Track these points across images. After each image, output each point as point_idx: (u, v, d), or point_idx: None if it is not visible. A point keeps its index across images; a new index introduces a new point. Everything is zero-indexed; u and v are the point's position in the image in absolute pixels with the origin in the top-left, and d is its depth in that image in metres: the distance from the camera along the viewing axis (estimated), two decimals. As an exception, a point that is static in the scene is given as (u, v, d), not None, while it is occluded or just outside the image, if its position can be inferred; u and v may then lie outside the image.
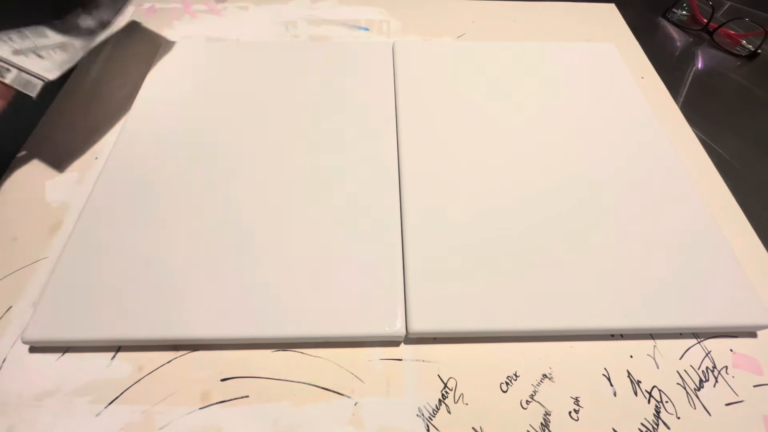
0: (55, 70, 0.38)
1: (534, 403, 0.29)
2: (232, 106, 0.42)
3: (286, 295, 0.31)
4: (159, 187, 0.36)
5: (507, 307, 0.31)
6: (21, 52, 0.38)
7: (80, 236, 0.33)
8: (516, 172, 0.38)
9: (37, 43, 0.39)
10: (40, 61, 0.39)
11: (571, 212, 0.35)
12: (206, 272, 0.31)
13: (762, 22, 0.54)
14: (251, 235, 0.33)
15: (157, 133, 0.40)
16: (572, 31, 0.55)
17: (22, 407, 0.28)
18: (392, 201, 0.36)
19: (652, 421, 0.28)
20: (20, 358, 0.29)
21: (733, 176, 0.41)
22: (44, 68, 0.39)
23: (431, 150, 0.39)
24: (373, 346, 0.31)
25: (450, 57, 0.47)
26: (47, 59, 0.39)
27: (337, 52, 0.47)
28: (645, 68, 0.51)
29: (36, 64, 0.38)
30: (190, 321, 0.29)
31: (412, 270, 0.32)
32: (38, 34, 0.40)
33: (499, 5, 0.58)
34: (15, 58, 0.38)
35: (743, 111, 0.49)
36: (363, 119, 0.41)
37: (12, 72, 0.37)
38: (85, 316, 0.29)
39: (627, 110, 0.43)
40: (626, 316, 0.31)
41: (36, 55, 0.38)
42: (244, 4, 0.57)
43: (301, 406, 0.28)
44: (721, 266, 0.33)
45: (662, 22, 0.60)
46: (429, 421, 0.28)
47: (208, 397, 0.28)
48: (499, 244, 0.33)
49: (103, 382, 0.29)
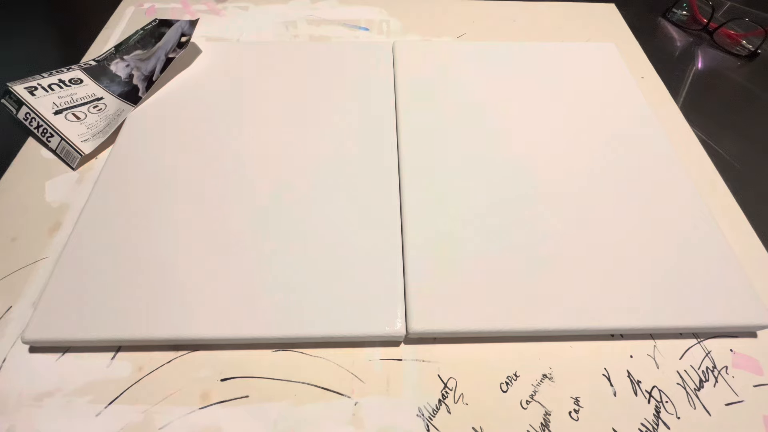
0: (89, 142, 0.40)
1: (534, 403, 0.29)
2: (232, 105, 0.42)
3: (286, 295, 0.31)
4: (159, 187, 0.36)
5: (507, 307, 0.31)
6: (60, 110, 0.40)
7: (80, 236, 0.33)
8: (516, 172, 0.38)
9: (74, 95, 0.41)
10: (76, 125, 0.40)
11: (571, 212, 0.35)
12: (206, 272, 0.32)
13: (762, 22, 0.54)
14: (251, 235, 0.33)
15: (157, 133, 0.40)
16: (572, 31, 0.55)
17: (22, 407, 0.28)
18: (392, 201, 0.36)
19: (652, 421, 0.28)
20: (20, 358, 0.29)
21: (733, 176, 0.41)
22: (81, 137, 0.40)
23: (431, 150, 0.39)
24: (373, 346, 0.31)
25: (450, 57, 0.47)
26: (82, 122, 0.40)
27: (337, 52, 0.47)
28: (645, 68, 0.51)
29: (74, 130, 0.40)
30: (190, 321, 0.29)
31: (412, 270, 0.32)
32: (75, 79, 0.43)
33: (499, 5, 0.58)
34: (56, 120, 0.40)
35: (743, 111, 0.49)
36: (363, 119, 0.41)
37: (55, 138, 0.39)
38: (85, 316, 0.29)
39: (627, 110, 0.43)
40: (626, 316, 0.31)
41: (74, 116, 0.40)
42: (244, 4, 0.57)
43: (301, 406, 0.28)
44: (721, 266, 0.33)
45: (662, 22, 0.60)
46: (429, 421, 0.28)
47: (208, 397, 0.28)
48: (499, 244, 0.33)
49: (103, 382, 0.29)
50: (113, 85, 0.44)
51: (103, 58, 0.46)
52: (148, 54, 0.45)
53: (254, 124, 0.41)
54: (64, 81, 0.42)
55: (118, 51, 0.47)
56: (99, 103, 0.42)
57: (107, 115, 0.41)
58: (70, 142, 0.39)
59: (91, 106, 0.42)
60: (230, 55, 0.47)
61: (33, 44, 0.52)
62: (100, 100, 0.42)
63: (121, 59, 0.46)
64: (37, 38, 0.53)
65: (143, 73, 0.44)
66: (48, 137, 0.39)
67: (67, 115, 0.40)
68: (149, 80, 0.43)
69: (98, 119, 0.41)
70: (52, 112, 0.40)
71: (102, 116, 0.41)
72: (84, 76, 0.43)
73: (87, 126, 0.40)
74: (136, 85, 0.43)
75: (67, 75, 0.43)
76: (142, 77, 0.43)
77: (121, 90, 0.43)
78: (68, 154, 0.39)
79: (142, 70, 0.44)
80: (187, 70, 0.45)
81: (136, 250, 0.32)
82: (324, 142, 0.39)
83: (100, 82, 0.44)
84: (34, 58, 0.50)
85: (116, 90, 0.43)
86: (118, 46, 0.47)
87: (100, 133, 0.40)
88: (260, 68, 0.45)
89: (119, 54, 0.46)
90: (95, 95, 0.43)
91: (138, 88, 0.43)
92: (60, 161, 0.39)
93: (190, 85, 0.44)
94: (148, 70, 0.44)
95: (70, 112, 0.40)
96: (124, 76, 0.44)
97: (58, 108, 0.41)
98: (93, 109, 0.41)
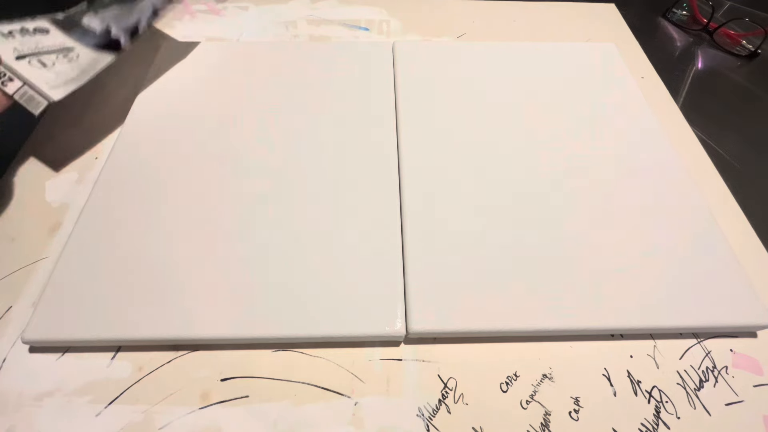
0: (59, 89, 0.36)
1: (534, 403, 0.29)
2: (232, 106, 0.42)
3: (286, 295, 0.31)
4: (159, 187, 0.36)
5: (507, 307, 0.31)
6: (24, 55, 0.35)
7: (80, 236, 0.33)
8: (516, 172, 0.38)
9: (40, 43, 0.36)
10: (43, 71, 0.36)
11: (571, 212, 0.35)
12: (206, 272, 0.31)
13: (762, 22, 0.54)
14: (251, 235, 0.33)
15: (156, 133, 0.40)
16: (572, 31, 0.55)
17: (22, 407, 0.28)
18: (392, 201, 0.36)
19: (652, 421, 0.28)
20: (20, 358, 0.29)
21: (733, 176, 0.41)
22: (49, 83, 0.35)
23: (431, 150, 0.39)
24: (373, 346, 0.31)
25: (450, 57, 0.47)
26: (50, 69, 0.36)
27: (337, 52, 0.47)
28: (645, 68, 0.51)
29: (40, 75, 0.35)
30: (190, 321, 0.29)
31: (412, 270, 0.32)
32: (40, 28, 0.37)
33: (499, 5, 0.58)
34: (18, 64, 0.35)
35: (743, 111, 0.49)
36: (363, 119, 0.41)
37: (15, 83, 0.35)
38: (85, 316, 0.29)
39: (627, 110, 0.43)
40: (626, 316, 0.31)
41: (39, 63, 0.36)
42: (244, 4, 0.57)
43: (301, 406, 0.28)
44: (721, 266, 0.33)
45: (662, 22, 0.59)
46: (429, 421, 0.28)
47: (208, 397, 0.28)
48: (499, 244, 0.33)
49: (103, 382, 0.29)
50: (86, 38, 0.38)
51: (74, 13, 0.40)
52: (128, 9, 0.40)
53: (254, 124, 0.41)
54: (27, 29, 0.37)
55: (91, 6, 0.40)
56: (70, 53, 0.37)
57: (80, 65, 0.37)
58: (34, 87, 0.34)
59: (61, 55, 0.37)
60: (230, 55, 0.47)
61: (33, 44, 0.52)
62: (71, 51, 0.37)
63: (94, 14, 0.40)
64: (37, 38, 0.53)
65: (123, 27, 0.39)
66: (4, 81, 0.34)
67: (32, 61, 0.35)
68: (133, 31, 0.39)
69: (69, 68, 0.37)
70: (14, 56, 0.35)
71: (74, 65, 0.37)
72: (51, 26, 0.38)
73: (56, 73, 0.36)
74: (116, 38, 0.39)
75: (30, 24, 0.37)
76: (123, 29, 0.39)
77: (96, 42, 0.39)
78: (30, 100, 0.35)
79: (121, 24, 0.39)
80: (187, 69, 0.45)
81: (136, 250, 0.32)
82: (324, 142, 0.39)
83: (71, 34, 0.38)
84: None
85: (90, 42, 0.38)
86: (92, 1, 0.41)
87: (72, 81, 0.36)
88: (260, 68, 0.45)
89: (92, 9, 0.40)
90: (64, 45, 0.37)
91: (118, 41, 0.39)
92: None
93: (189, 85, 0.44)
94: (130, 23, 0.40)
95: (35, 58, 0.36)
96: (99, 29, 0.39)
97: (20, 53, 0.35)
98: (63, 59, 0.37)
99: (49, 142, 0.41)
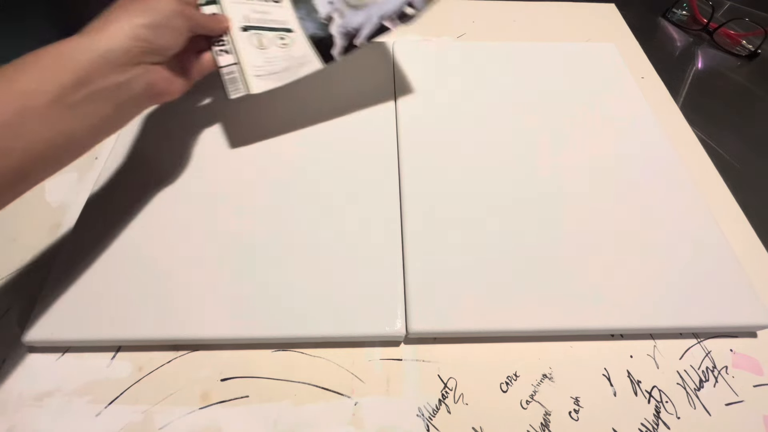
0: (261, 81, 0.34)
1: (534, 403, 0.29)
2: (231, 105, 0.42)
3: (286, 295, 0.31)
4: (158, 187, 0.36)
5: (507, 307, 0.31)
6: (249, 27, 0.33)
7: (80, 236, 0.33)
8: (516, 172, 0.38)
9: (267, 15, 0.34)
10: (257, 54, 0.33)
11: (571, 212, 0.35)
12: (206, 272, 0.31)
13: (762, 22, 0.54)
14: (251, 235, 0.33)
15: (156, 133, 0.40)
16: (572, 31, 0.55)
17: (22, 407, 0.28)
18: (392, 201, 0.36)
19: (652, 421, 0.28)
20: (20, 358, 0.29)
21: (733, 176, 0.41)
22: (256, 71, 0.33)
23: (431, 150, 0.39)
24: (373, 346, 0.31)
25: (450, 57, 0.47)
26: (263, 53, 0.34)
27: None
28: (645, 68, 0.51)
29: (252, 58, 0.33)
30: (190, 321, 0.29)
31: (412, 270, 0.32)
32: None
33: (499, 5, 0.58)
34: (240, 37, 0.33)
35: (743, 111, 0.49)
36: (363, 119, 0.41)
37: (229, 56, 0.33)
38: (85, 316, 0.29)
39: (627, 110, 0.43)
40: (626, 316, 0.31)
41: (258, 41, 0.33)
42: (244, 4, 0.56)
43: (301, 406, 0.28)
44: (721, 266, 0.33)
45: (662, 22, 0.59)
46: (429, 421, 0.28)
47: (208, 397, 0.28)
48: (499, 244, 0.33)
49: (103, 382, 0.29)
50: (308, 19, 0.36)
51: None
52: (357, 1, 0.37)
53: (254, 124, 0.41)
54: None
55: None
56: (287, 36, 0.35)
57: (290, 56, 0.35)
58: (243, 69, 0.33)
59: (278, 36, 0.35)
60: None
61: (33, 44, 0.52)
62: (289, 33, 0.35)
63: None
64: (37, 38, 0.53)
65: (346, 26, 0.36)
66: (221, 50, 0.33)
67: (252, 38, 0.34)
68: (350, 40, 0.36)
69: (280, 56, 0.35)
70: (241, 26, 0.34)
71: (284, 55, 0.35)
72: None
73: (266, 59, 0.34)
74: (332, 36, 0.36)
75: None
76: (344, 30, 0.36)
77: (314, 30, 0.36)
78: (233, 81, 0.33)
79: (345, 18, 0.36)
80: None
81: (135, 250, 0.32)
82: (324, 143, 0.39)
83: (297, 8, 0.36)
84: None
85: (309, 27, 0.36)
86: None
87: (275, 76, 0.34)
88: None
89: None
90: (286, 24, 0.36)
91: (333, 42, 0.36)
92: None
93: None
94: (353, 25, 0.36)
95: (257, 34, 0.34)
96: (323, 13, 0.36)
97: (248, 23, 0.34)
98: (279, 41, 0.35)
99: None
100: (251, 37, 0.34)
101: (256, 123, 0.41)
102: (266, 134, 0.40)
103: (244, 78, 0.34)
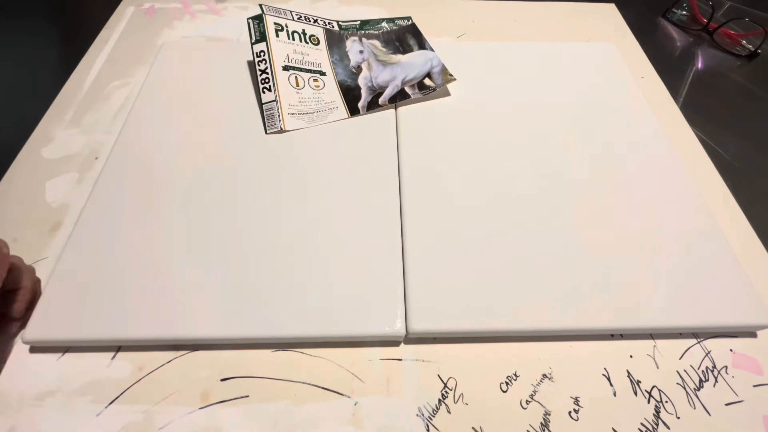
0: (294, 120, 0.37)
1: (534, 403, 0.29)
2: (231, 106, 0.42)
3: (286, 295, 0.31)
4: (159, 187, 0.36)
5: (507, 307, 0.31)
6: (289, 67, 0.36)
7: (80, 236, 0.33)
8: (516, 172, 0.38)
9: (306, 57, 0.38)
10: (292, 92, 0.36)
11: (571, 212, 0.35)
12: (206, 272, 0.32)
13: (762, 22, 0.54)
14: (251, 236, 0.33)
15: (156, 134, 0.40)
16: (572, 31, 0.55)
17: (22, 407, 0.28)
18: (392, 201, 0.36)
19: (652, 421, 0.28)
20: (20, 358, 0.29)
21: (733, 176, 0.41)
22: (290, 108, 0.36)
23: (431, 150, 0.39)
24: (373, 346, 0.31)
25: (450, 57, 0.47)
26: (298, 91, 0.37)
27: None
28: (645, 68, 0.51)
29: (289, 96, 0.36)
30: (190, 321, 0.29)
31: (412, 270, 0.32)
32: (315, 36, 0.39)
33: (499, 5, 0.58)
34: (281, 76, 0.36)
35: (743, 111, 0.49)
36: (363, 119, 0.41)
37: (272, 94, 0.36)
38: (85, 316, 0.29)
39: (627, 110, 0.43)
40: (626, 316, 0.31)
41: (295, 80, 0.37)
42: (244, 4, 0.57)
43: (300, 406, 0.28)
44: (721, 266, 0.33)
45: (662, 22, 0.60)
46: (429, 421, 0.28)
47: (208, 397, 0.28)
48: (498, 244, 0.33)
49: (103, 382, 0.29)
50: (340, 65, 0.40)
51: (346, 28, 0.41)
52: (385, 57, 0.41)
53: (254, 124, 0.41)
54: (306, 35, 0.38)
55: (362, 27, 0.41)
56: (320, 78, 0.39)
57: (320, 100, 0.38)
58: (279, 106, 0.36)
59: (313, 78, 0.38)
60: (230, 55, 0.47)
61: (33, 44, 0.52)
62: (323, 76, 0.39)
63: (359, 40, 0.41)
64: (37, 38, 0.53)
65: (371, 81, 0.40)
66: (265, 88, 0.36)
67: (291, 77, 0.37)
68: (373, 96, 0.40)
69: (311, 98, 0.38)
70: (282, 65, 0.37)
71: (315, 97, 0.38)
72: (322, 38, 0.39)
73: (300, 99, 0.37)
74: (359, 88, 0.39)
75: (310, 28, 0.39)
76: (369, 84, 0.39)
77: (343, 77, 0.39)
78: (271, 117, 0.36)
79: (373, 71, 0.40)
80: (186, 70, 0.45)
81: (135, 250, 0.32)
82: (324, 143, 0.39)
83: (332, 52, 0.40)
84: (33, 58, 0.50)
85: (340, 73, 0.39)
86: (364, 24, 0.42)
87: (306, 116, 0.37)
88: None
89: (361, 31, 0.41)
90: (321, 67, 0.39)
91: (359, 94, 0.39)
92: None
93: (190, 86, 0.44)
94: (378, 81, 0.40)
95: (295, 73, 0.37)
96: (353, 61, 0.40)
97: (288, 63, 0.37)
98: (312, 83, 0.38)
99: (49, 142, 0.41)
100: (290, 76, 0.38)
101: (257, 124, 0.41)
102: (268, 136, 0.40)
103: (281, 114, 0.37)
